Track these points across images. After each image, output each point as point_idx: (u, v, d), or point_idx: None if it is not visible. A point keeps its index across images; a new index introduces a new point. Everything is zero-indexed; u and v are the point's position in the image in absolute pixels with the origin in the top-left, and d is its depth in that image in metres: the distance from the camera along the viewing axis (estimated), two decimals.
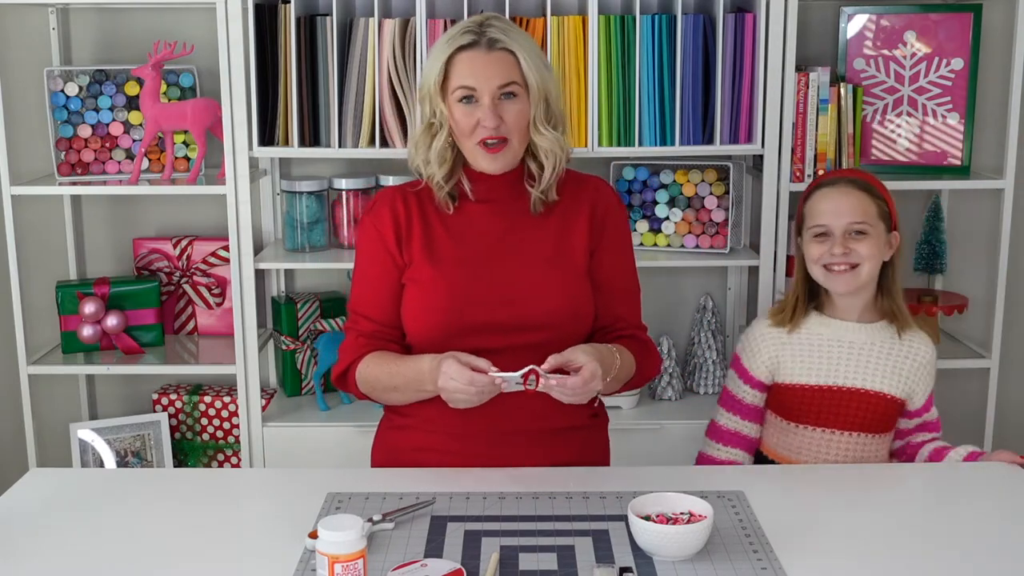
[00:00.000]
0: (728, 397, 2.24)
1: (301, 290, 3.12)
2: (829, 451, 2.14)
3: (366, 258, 2.04)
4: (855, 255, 2.11)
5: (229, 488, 2.00)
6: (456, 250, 1.98)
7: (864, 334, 2.16)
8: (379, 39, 2.68)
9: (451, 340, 1.92)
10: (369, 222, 2.04)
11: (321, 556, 1.45)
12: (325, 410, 2.92)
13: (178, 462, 2.99)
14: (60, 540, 1.70)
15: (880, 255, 2.14)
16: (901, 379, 2.15)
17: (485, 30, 1.93)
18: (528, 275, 1.97)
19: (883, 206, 2.16)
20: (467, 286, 1.95)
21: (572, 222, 2.02)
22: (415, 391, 1.93)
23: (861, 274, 2.12)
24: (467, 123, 1.93)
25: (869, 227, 2.12)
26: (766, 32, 2.69)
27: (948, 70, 2.87)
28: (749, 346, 2.21)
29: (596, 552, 1.64)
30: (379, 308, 2.01)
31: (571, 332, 1.97)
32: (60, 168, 2.95)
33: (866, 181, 2.18)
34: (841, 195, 2.15)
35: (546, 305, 1.95)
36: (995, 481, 1.96)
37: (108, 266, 3.14)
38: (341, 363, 2.03)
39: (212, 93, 2.89)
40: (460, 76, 1.92)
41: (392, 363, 1.96)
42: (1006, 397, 3.11)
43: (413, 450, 2.01)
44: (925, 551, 1.66)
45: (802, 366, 2.15)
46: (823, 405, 2.13)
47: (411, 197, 2.03)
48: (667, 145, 2.75)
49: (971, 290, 3.08)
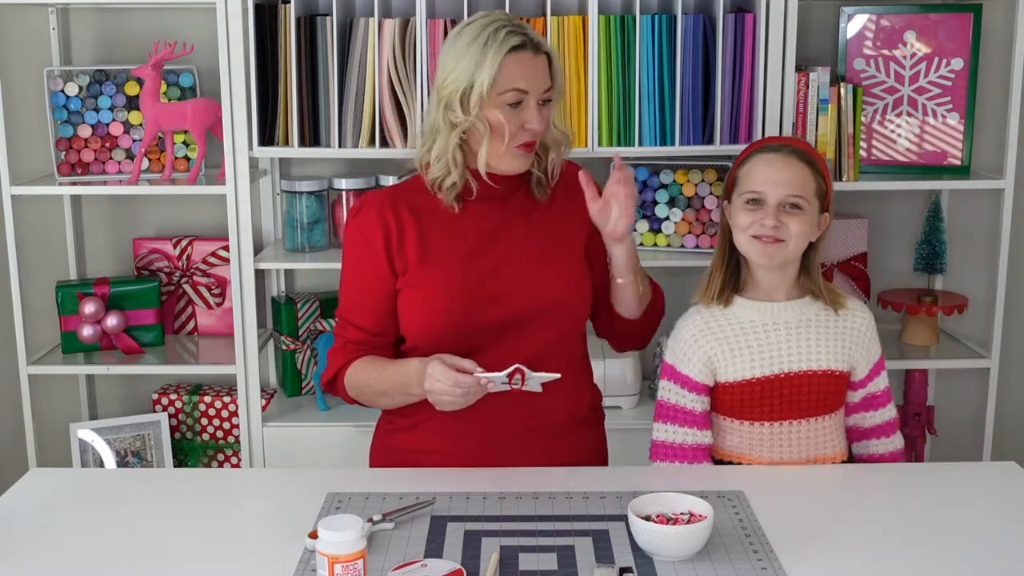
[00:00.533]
0: (671, 410, 2.04)
1: (301, 290, 3.12)
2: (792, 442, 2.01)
3: (354, 265, 2.00)
4: (784, 230, 1.95)
5: (229, 488, 2.00)
6: (453, 250, 1.96)
7: (795, 311, 2.02)
8: (379, 39, 2.68)
9: (454, 340, 1.92)
10: (356, 229, 1.99)
11: (321, 556, 1.45)
12: (325, 410, 2.92)
13: (178, 462, 2.99)
14: (60, 540, 1.70)
15: (809, 235, 1.99)
16: (842, 350, 2.02)
17: (525, 31, 1.89)
18: (526, 268, 1.96)
19: (821, 184, 2.00)
20: (467, 286, 1.94)
21: (567, 209, 2.02)
22: (403, 395, 1.93)
23: (787, 250, 1.97)
24: (513, 125, 1.88)
25: (805, 203, 1.97)
26: (766, 32, 2.69)
27: (948, 70, 2.87)
28: (680, 350, 2.04)
29: (596, 552, 1.64)
30: (368, 317, 1.99)
31: (573, 319, 1.99)
32: (60, 168, 2.95)
33: (809, 154, 2.02)
34: (782, 164, 1.98)
35: (547, 296, 1.96)
36: (995, 481, 1.96)
37: (108, 266, 3.14)
38: (330, 368, 2.02)
39: (212, 93, 2.90)
40: (512, 79, 1.87)
41: (380, 368, 1.95)
42: (1006, 397, 3.11)
43: (412, 452, 2.01)
44: (925, 551, 1.66)
45: (741, 360, 1.99)
46: (773, 397, 2.00)
47: (400, 201, 1.98)
48: (667, 145, 2.75)
49: (971, 290, 3.08)
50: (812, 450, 2.04)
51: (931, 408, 3.06)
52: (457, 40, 1.90)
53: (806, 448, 2.03)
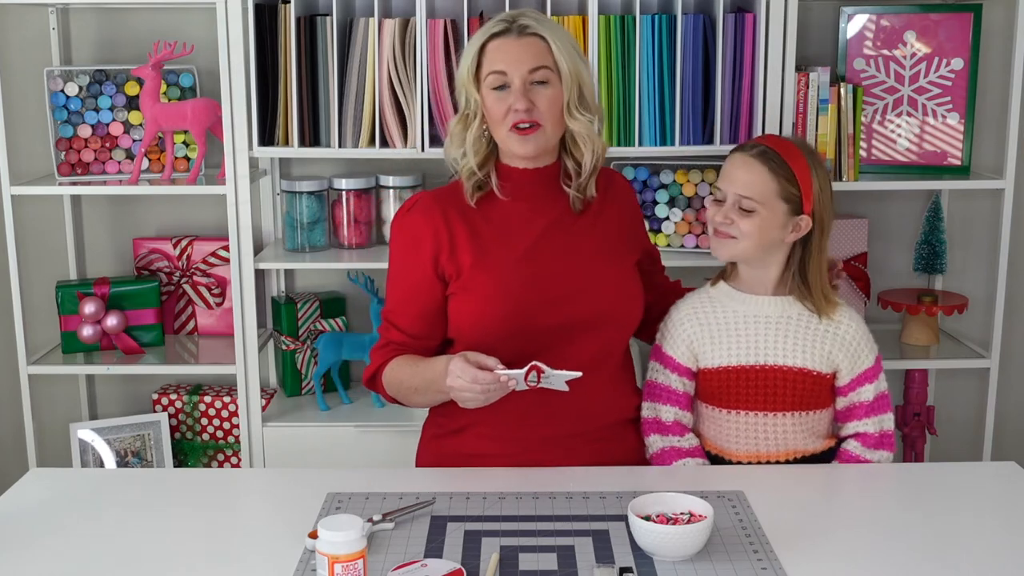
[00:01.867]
0: (657, 388, 2.11)
1: (301, 290, 3.12)
2: (768, 435, 2.05)
3: (401, 267, 2.02)
4: (735, 228, 2.03)
5: (229, 488, 2.00)
6: (510, 252, 1.97)
7: (776, 308, 2.07)
8: (379, 39, 2.68)
9: (507, 344, 1.92)
10: (406, 229, 2.00)
11: (321, 556, 1.46)
12: (325, 410, 2.92)
13: (178, 462, 2.99)
14: (60, 540, 1.70)
15: (766, 236, 2.02)
16: (821, 353, 2.05)
17: (517, 18, 1.95)
18: (580, 273, 1.98)
19: (789, 187, 2.02)
20: (523, 290, 1.95)
21: (611, 216, 2.05)
22: (435, 392, 1.92)
23: (736, 247, 2.04)
24: (499, 109, 1.93)
25: (757, 205, 2.01)
26: (766, 32, 2.69)
27: (948, 70, 2.87)
28: (668, 333, 2.12)
29: (596, 552, 1.64)
30: (409, 320, 2.01)
31: (625, 325, 2.02)
32: (60, 168, 2.95)
33: (779, 156, 2.03)
34: (741, 165, 2.04)
35: (601, 301, 1.98)
36: (995, 481, 1.96)
37: (108, 266, 3.14)
38: (371, 367, 2.05)
39: (212, 93, 2.89)
40: (491, 62, 1.93)
41: (414, 365, 1.97)
42: (1006, 397, 3.11)
43: (460, 455, 2.01)
44: (925, 551, 1.66)
45: (720, 348, 2.06)
46: (749, 386, 2.05)
47: (450, 206, 1.99)
48: (667, 145, 2.75)
49: (971, 290, 3.08)
50: (790, 444, 2.07)
51: (931, 408, 3.06)
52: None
53: (783, 442, 2.07)
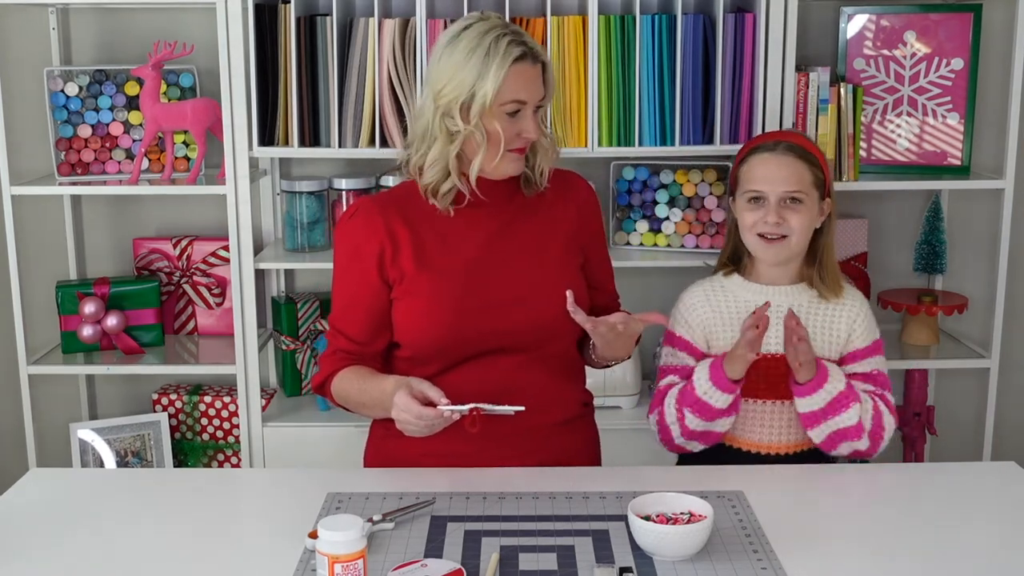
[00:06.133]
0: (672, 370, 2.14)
1: (301, 290, 3.12)
2: (776, 424, 2.08)
3: (344, 273, 2.00)
4: (786, 226, 2.07)
5: (229, 488, 2.00)
6: (452, 258, 1.95)
7: (787, 297, 2.10)
8: (379, 39, 2.68)
9: (450, 349, 1.93)
10: (348, 236, 1.98)
11: (321, 556, 1.46)
12: (325, 410, 2.92)
13: (178, 462, 2.99)
14: (60, 540, 1.70)
15: (812, 224, 2.10)
16: (830, 341, 2.09)
17: (523, 39, 1.89)
18: (524, 276, 1.96)
19: (818, 173, 2.11)
20: (466, 294, 1.94)
21: (560, 219, 2.02)
22: (382, 409, 1.90)
23: (791, 244, 2.09)
24: (510, 133, 1.89)
25: (804, 195, 2.08)
26: (766, 32, 2.69)
27: (948, 70, 2.87)
28: (680, 317, 2.16)
29: (596, 552, 1.64)
30: (355, 326, 1.99)
31: (570, 328, 1.97)
32: (60, 168, 2.95)
33: (804, 148, 2.13)
34: (779, 162, 2.09)
35: (544, 305, 1.95)
36: (995, 481, 1.96)
37: (108, 266, 3.14)
38: (320, 374, 2.03)
39: (212, 93, 2.90)
40: (514, 90, 1.87)
41: (362, 381, 1.94)
42: (1006, 397, 3.11)
43: (406, 456, 2.00)
44: (925, 551, 1.66)
45: (731, 333, 2.09)
46: (758, 374, 2.06)
47: (392, 209, 1.97)
48: (667, 145, 2.75)
49: (971, 290, 3.08)
50: (797, 434, 2.09)
51: (931, 408, 3.06)
52: (455, 47, 1.88)
53: (792, 432, 2.09)
